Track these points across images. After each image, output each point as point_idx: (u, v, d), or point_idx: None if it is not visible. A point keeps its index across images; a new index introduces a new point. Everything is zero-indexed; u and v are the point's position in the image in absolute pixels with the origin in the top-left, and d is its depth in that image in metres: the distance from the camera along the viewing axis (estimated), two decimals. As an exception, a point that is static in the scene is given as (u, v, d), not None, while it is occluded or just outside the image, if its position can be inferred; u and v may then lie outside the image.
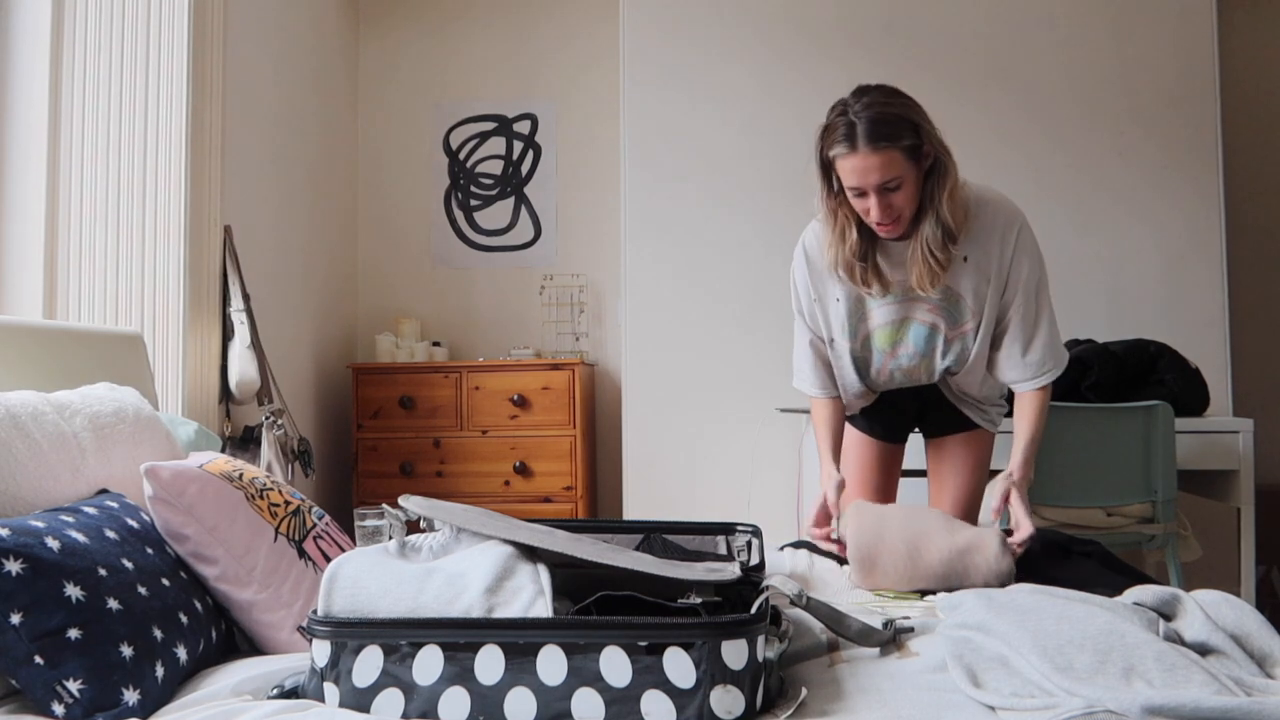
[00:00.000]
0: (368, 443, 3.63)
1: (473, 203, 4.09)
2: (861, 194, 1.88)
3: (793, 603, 1.33)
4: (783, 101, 3.45)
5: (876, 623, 1.40)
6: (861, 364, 2.13)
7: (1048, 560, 1.88)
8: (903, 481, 2.36)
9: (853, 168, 1.85)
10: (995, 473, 2.14)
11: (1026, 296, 1.99)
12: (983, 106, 3.40)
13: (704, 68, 3.49)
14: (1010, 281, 1.98)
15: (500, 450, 3.58)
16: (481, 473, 3.58)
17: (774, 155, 3.42)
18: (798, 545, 2.13)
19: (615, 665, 1.12)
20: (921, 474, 2.38)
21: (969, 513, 2.23)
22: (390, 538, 1.51)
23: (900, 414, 2.27)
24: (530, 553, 1.30)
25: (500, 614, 1.19)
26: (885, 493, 2.32)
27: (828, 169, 1.93)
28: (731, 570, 1.39)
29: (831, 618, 1.37)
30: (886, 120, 1.83)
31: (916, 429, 2.32)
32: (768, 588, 1.30)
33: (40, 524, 1.30)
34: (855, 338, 2.10)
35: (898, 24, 3.44)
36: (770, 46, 3.48)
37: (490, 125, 4.09)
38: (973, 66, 3.42)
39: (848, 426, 2.32)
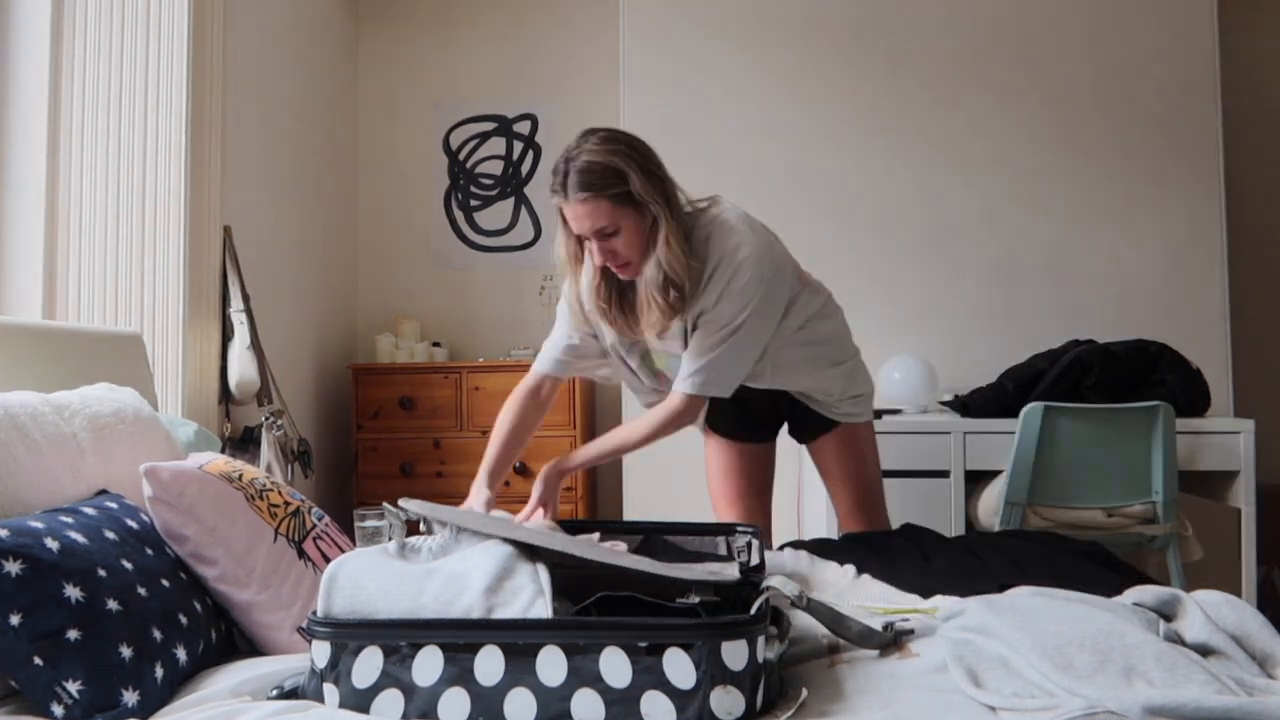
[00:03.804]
0: (368, 443, 3.63)
1: (473, 203, 4.09)
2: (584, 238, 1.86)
3: (793, 604, 1.32)
4: (783, 101, 3.44)
5: (877, 624, 1.39)
6: (642, 373, 2.08)
7: (1047, 561, 1.88)
8: (807, 486, 2.28)
9: (568, 215, 1.85)
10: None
11: (712, 329, 1.89)
12: (983, 107, 3.40)
13: (704, 68, 3.48)
14: (706, 311, 1.89)
15: (500, 450, 3.57)
16: (481, 473, 3.57)
17: (774, 155, 3.42)
18: (797, 545, 2.13)
19: (615, 666, 1.12)
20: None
21: (870, 507, 2.19)
22: (390, 538, 1.51)
23: (756, 415, 2.20)
24: (530, 553, 1.30)
25: (500, 614, 1.18)
26: (759, 498, 2.25)
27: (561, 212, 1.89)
28: (731, 571, 1.38)
29: (832, 619, 1.37)
30: (592, 170, 1.79)
31: (785, 426, 2.25)
32: (768, 588, 1.29)
33: (40, 525, 1.30)
34: (632, 355, 2.06)
35: (898, 24, 3.44)
36: (770, 47, 3.48)
37: (490, 125, 4.09)
38: (973, 68, 3.42)
39: (705, 439, 2.25)
